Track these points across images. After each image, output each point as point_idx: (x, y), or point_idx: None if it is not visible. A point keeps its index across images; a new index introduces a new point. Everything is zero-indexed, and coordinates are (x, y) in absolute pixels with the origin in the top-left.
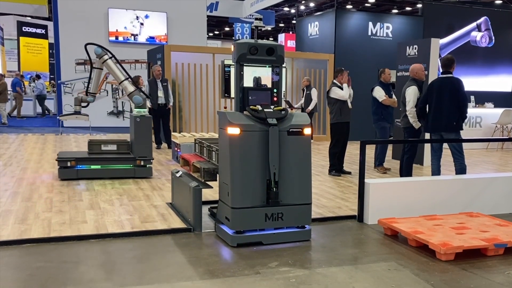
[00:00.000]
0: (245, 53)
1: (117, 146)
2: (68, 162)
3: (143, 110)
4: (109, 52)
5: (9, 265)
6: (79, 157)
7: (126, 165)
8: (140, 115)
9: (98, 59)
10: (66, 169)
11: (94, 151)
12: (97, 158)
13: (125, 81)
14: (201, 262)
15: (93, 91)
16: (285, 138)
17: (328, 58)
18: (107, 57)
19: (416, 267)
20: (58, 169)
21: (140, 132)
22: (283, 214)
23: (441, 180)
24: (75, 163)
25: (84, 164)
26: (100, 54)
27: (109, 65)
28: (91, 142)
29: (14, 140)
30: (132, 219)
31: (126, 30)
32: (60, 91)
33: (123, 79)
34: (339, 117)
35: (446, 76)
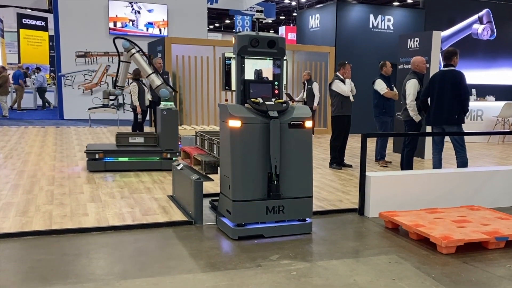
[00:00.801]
0: (246, 46)
1: (144, 139)
2: (96, 154)
3: (170, 103)
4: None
5: (10, 257)
6: (107, 150)
7: (153, 158)
8: (167, 108)
9: (126, 52)
10: (94, 161)
11: (122, 144)
12: (125, 151)
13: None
14: (202, 254)
15: (121, 84)
16: (286, 131)
17: (329, 51)
18: (134, 51)
19: (417, 260)
20: (86, 161)
21: (167, 125)
22: (284, 207)
23: (442, 173)
24: (103, 155)
25: (112, 157)
26: (128, 47)
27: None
28: (119, 135)
29: (14, 132)
30: (133, 212)
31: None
32: (61, 83)
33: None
34: (340, 110)
35: (447, 69)
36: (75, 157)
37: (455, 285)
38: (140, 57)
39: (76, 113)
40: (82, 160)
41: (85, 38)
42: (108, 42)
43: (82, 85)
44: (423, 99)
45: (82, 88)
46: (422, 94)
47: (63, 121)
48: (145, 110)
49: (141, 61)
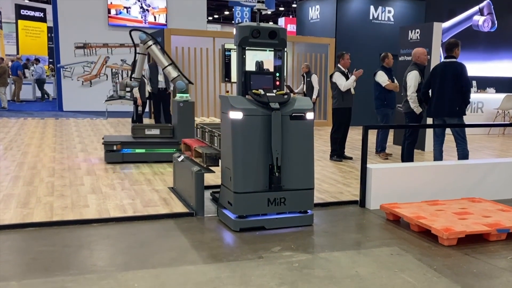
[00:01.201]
0: (247, 37)
1: (160, 131)
2: (114, 146)
3: (186, 95)
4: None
5: (12, 248)
6: (124, 141)
7: (170, 149)
8: (183, 100)
9: (143, 44)
10: (112, 152)
11: (138, 136)
12: (142, 142)
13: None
14: (204, 246)
15: (137, 76)
16: (288, 122)
17: (329, 42)
18: (151, 43)
19: (418, 252)
20: (104, 152)
21: (183, 116)
22: (286, 199)
23: (443, 165)
24: (121, 146)
25: (130, 148)
26: (144, 39)
27: (153, 50)
28: (135, 127)
29: (14, 124)
30: (134, 203)
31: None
32: (60, 75)
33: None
34: (341, 102)
35: (449, 61)
36: (75, 148)
37: (457, 277)
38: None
39: (75, 105)
40: (82, 151)
41: (84, 29)
42: (107, 33)
43: (81, 77)
44: (424, 91)
45: (81, 80)
46: (423, 86)
47: (62, 113)
48: (144, 102)
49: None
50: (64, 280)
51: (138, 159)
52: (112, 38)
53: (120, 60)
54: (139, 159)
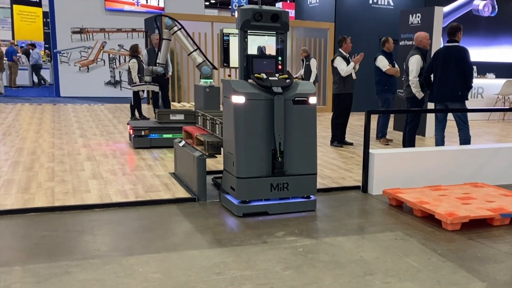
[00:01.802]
0: (249, 19)
1: (184, 116)
2: (142, 131)
3: (210, 80)
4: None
5: (15, 234)
6: (152, 126)
7: None
8: (209, 85)
9: (168, 30)
10: (140, 138)
11: (164, 121)
12: (168, 128)
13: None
14: (207, 231)
15: (162, 61)
16: (291, 107)
17: (329, 27)
18: (176, 29)
19: (422, 237)
20: (133, 137)
21: (208, 101)
22: (289, 184)
23: (446, 150)
24: (149, 132)
25: (157, 133)
26: (170, 25)
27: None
28: (160, 112)
29: (11, 110)
30: (135, 188)
31: None
32: (57, 60)
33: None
34: (343, 88)
35: (451, 45)
36: (74, 134)
37: (461, 261)
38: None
39: (73, 91)
40: (81, 137)
41: (80, 14)
42: (104, 18)
43: (78, 62)
44: (426, 76)
45: (79, 65)
46: (425, 70)
47: (60, 99)
48: None
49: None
50: (68, 265)
51: (165, 144)
52: (109, 23)
53: (118, 45)
54: (165, 144)
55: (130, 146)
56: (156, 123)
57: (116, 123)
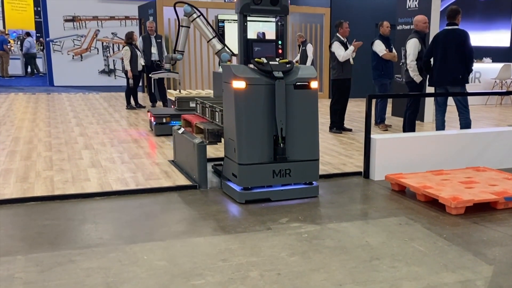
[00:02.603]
0: (248, 3)
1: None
2: (163, 118)
3: None
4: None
5: (15, 223)
6: (173, 114)
7: None
8: None
9: (187, 17)
10: (162, 125)
11: (183, 108)
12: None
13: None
14: (210, 218)
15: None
16: (292, 92)
17: (324, 12)
18: (196, 16)
19: (427, 221)
20: (154, 125)
21: None
22: (291, 170)
23: (447, 135)
24: (170, 119)
25: (178, 120)
26: (189, 12)
27: (198, 23)
28: (180, 99)
29: (4, 99)
30: (135, 176)
31: None
32: (49, 49)
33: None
34: (341, 73)
35: (451, 28)
36: (70, 123)
37: (467, 245)
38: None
39: (67, 80)
40: (77, 126)
41: (73, 1)
42: (96, 6)
43: (71, 51)
44: (425, 60)
45: (72, 54)
46: (424, 54)
47: (54, 88)
48: (137, 75)
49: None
50: (71, 254)
51: None
52: (102, 11)
53: (111, 33)
54: None
55: (151, 133)
56: (177, 110)
57: (112, 112)
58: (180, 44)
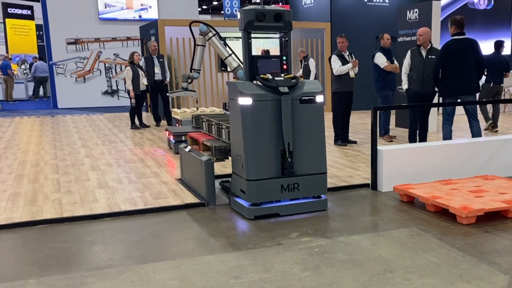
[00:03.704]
0: (252, 20)
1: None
2: (182, 136)
3: None
4: (213, 29)
5: (25, 246)
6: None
7: None
8: None
9: (203, 36)
10: (181, 143)
11: (199, 126)
12: None
13: (229, 57)
14: (220, 235)
15: (197, 67)
16: (298, 106)
17: (325, 27)
18: (211, 34)
19: (438, 232)
20: (173, 143)
21: None
22: (299, 184)
23: (454, 144)
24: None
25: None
26: (205, 31)
27: (214, 42)
28: (196, 117)
29: (10, 123)
30: (143, 196)
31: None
32: (53, 72)
33: (227, 55)
34: (339, 86)
35: (462, 38)
36: (75, 145)
37: (481, 255)
38: (217, 41)
39: (70, 102)
40: (83, 147)
41: (74, 25)
42: (98, 28)
43: (74, 73)
44: (438, 71)
45: (75, 76)
46: (436, 65)
47: (58, 110)
48: (140, 95)
49: (218, 44)
50: (83, 276)
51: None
52: (104, 33)
53: (113, 55)
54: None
55: (169, 152)
56: (194, 127)
57: (116, 132)
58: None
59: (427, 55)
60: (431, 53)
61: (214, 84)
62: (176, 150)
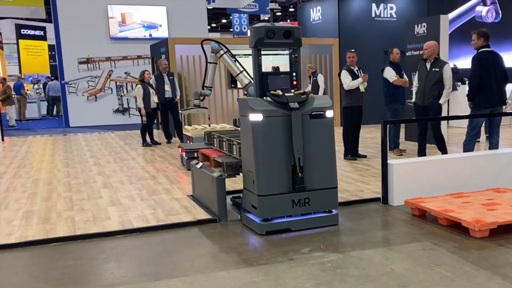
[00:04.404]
0: (262, 37)
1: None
2: (194, 153)
3: None
4: (224, 47)
5: (39, 264)
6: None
7: None
8: None
9: (214, 54)
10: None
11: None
12: None
13: (240, 74)
14: (232, 251)
15: (209, 84)
16: (308, 121)
17: (333, 42)
18: (223, 52)
19: (451, 246)
20: (185, 160)
21: None
22: (310, 199)
23: (465, 157)
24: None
25: None
26: (216, 49)
27: (225, 59)
28: (209, 134)
29: (23, 142)
30: (155, 213)
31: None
32: (65, 91)
33: (239, 72)
34: (349, 101)
35: (490, 50)
36: (87, 163)
37: (495, 268)
38: (228, 58)
39: (82, 120)
40: (95, 165)
41: (86, 44)
42: (109, 47)
43: (86, 92)
44: (478, 82)
45: (86, 95)
46: (475, 77)
47: (70, 129)
48: (151, 113)
49: (229, 61)
50: None
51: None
52: (115, 51)
53: (124, 73)
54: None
55: (181, 168)
56: (206, 144)
57: (128, 150)
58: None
59: (430, 68)
60: (435, 66)
61: (224, 100)
62: (189, 167)
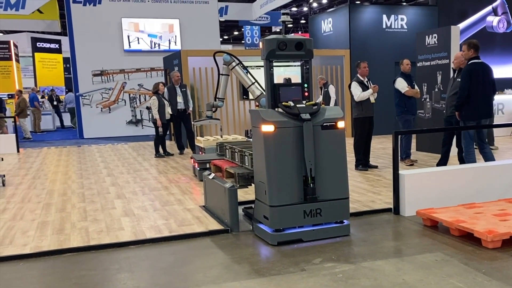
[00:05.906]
0: (274, 49)
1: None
2: (207, 164)
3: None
4: (236, 59)
5: (54, 275)
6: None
7: None
8: None
9: (227, 66)
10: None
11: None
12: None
13: (252, 86)
14: (244, 262)
15: (221, 96)
16: (319, 132)
17: (344, 54)
18: (235, 64)
19: (463, 257)
20: (198, 171)
21: None
22: (321, 210)
23: (476, 167)
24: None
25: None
26: (228, 61)
27: (237, 71)
28: (221, 145)
29: (38, 154)
30: (168, 223)
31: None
32: (79, 103)
33: (251, 84)
34: (361, 112)
35: (480, 61)
36: (101, 173)
37: (508, 280)
38: (240, 70)
39: (96, 132)
40: (108, 176)
41: (100, 57)
42: (123, 59)
43: (100, 104)
44: (467, 94)
45: (100, 107)
46: (465, 88)
47: (84, 140)
48: (165, 124)
49: (241, 73)
50: None
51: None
52: (128, 64)
53: (137, 85)
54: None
55: (194, 179)
56: (219, 155)
57: (141, 160)
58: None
59: (456, 78)
60: (458, 76)
61: (236, 112)
62: (201, 178)
